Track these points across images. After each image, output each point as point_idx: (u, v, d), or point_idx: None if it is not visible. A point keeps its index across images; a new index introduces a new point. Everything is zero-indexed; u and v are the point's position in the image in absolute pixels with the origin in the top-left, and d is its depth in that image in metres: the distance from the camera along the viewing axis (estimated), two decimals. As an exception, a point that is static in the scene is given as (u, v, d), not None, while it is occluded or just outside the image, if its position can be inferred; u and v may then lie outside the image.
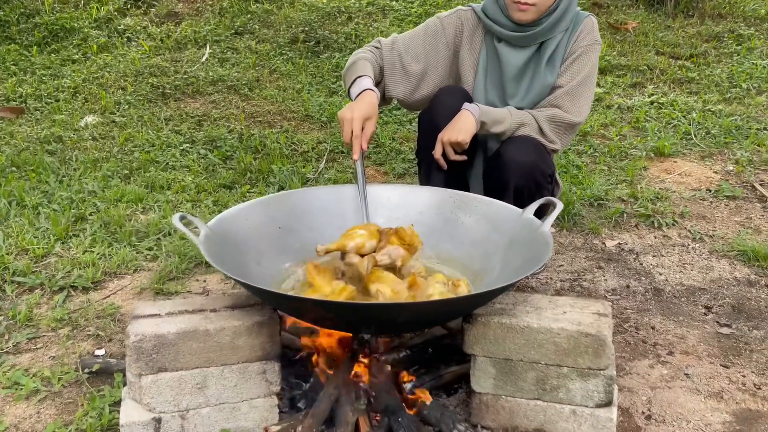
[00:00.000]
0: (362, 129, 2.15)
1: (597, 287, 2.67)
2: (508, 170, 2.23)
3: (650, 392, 2.02)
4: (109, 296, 2.59)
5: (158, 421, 1.69)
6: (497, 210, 2.06)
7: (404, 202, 2.24)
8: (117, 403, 1.84)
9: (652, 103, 4.81)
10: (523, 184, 2.23)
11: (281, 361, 1.78)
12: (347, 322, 1.73)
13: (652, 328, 2.38)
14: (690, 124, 4.40)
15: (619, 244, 3.05)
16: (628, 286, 2.67)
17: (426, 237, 2.16)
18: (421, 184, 2.50)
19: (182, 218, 1.79)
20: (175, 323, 1.66)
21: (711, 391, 2.03)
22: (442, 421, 1.79)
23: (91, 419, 1.81)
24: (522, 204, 2.29)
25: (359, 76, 2.25)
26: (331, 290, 1.76)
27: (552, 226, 1.90)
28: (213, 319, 1.69)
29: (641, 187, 3.57)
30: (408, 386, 1.84)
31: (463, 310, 1.75)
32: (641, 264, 2.86)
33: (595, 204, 3.40)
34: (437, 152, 2.27)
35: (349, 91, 2.30)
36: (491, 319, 1.75)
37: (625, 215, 3.28)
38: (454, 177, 2.34)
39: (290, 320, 1.95)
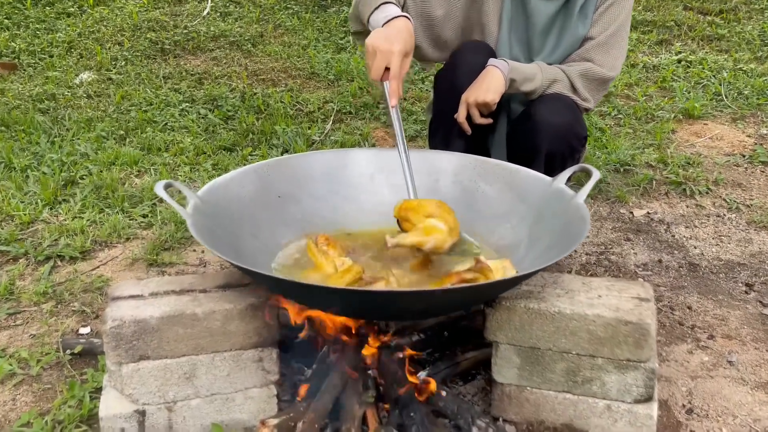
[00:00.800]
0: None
1: (626, 262, 2.45)
2: (539, 134, 1.99)
3: (690, 382, 1.82)
4: (98, 267, 2.40)
5: (142, 413, 1.51)
6: (524, 178, 1.84)
7: (418, 169, 2.00)
8: (99, 390, 1.66)
9: (679, 61, 4.52)
10: (556, 148, 1.99)
11: (280, 344, 1.59)
12: (352, 310, 1.53)
13: (689, 308, 2.17)
14: (720, 84, 4.13)
15: (648, 213, 2.82)
16: (660, 261, 2.46)
17: (442, 208, 1.95)
18: (436, 149, 2.27)
19: (167, 186, 1.58)
20: (158, 306, 1.47)
21: (759, 382, 1.83)
22: (459, 414, 1.60)
23: (70, 409, 1.64)
24: (552, 170, 2.07)
25: (383, 3, 1.84)
26: (334, 270, 1.56)
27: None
28: (202, 301, 1.49)
29: (670, 152, 3.33)
30: (421, 375, 1.65)
31: (482, 298, 1.54)
32: (673, 236, 2.64)
33: (621, 170, 3.17)
34: (461, 115, 2.02)
35: (368, 18, 1.87)
36: (517, 303, 1.54)
37: (654, 182, 3.04)
38: (475, 143, 2.10)
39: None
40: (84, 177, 3.01)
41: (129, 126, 3.59)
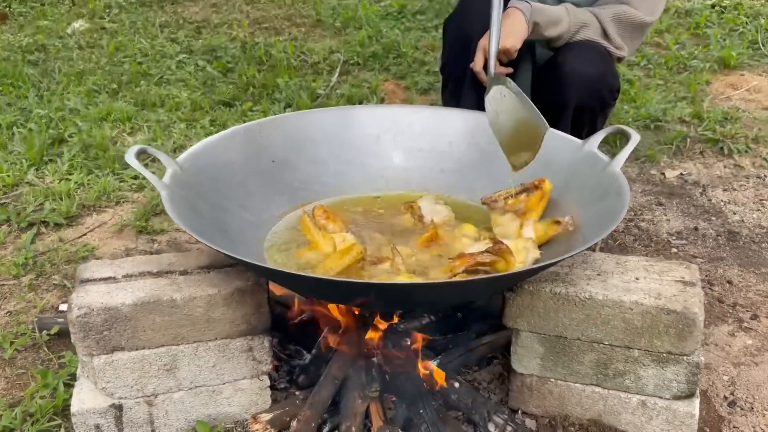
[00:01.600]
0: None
1: (658, 230, 2.24)
2: (567, 86, 1.75)
3: (733, 370, 1.63)
4: (84, 235, 2.23)
5: (119, 408, 1.35)
6: (550, 140, 1.60)
7: (430, 129, 1.80)
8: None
9: (713, 6, 4.19)
10: (585, 102, 1.76)
11: (274, 326, 1.42)
12: (351, 301, 1.34)
13: (729, 282, 1.96)
14: (757, 32, 3.81)
15: (682, 174, 2.59)
16: (695, 229, 2.24)
17: (456, 174, 1.74)
18: (446, 105, 2.04)
19: (140, 152, 1.38)
20: (132, 291, 1.29)
21: (810, 370, 1.64)
22: (474, 409, 1.43)
23: (43, 400, 1.48)
24: (580, 128, 1.84)
25: None
26: (333, 248, 1.36)
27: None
28: (182, 285, 1.31)
29: (705, 106, 3.06)
30: (432, 364, 1.47)
31: (498, 288, 1.35)
32: (710, 200, 2.42)
33: (652, 126, 2.92)
34: (477, 63, 1.78)
35: None
36: (542, 287, 1.35)
37: (687, 140, 2.79)
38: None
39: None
40: (73, 135, 2.82)
41: (122, 79, 3.37)
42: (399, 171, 1.78)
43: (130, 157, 1.34)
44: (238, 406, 1.43)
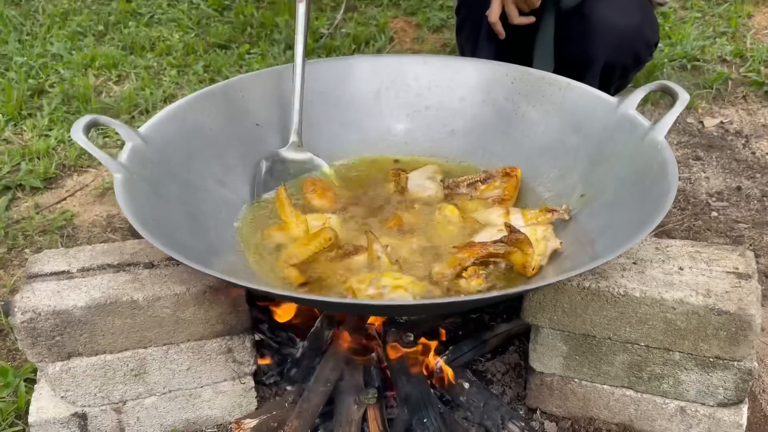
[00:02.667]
0: None
1: (696, 189, 2.01)
2: (596, 39, 1.50)
3: (783, 361, 1.44)
4: (63, 200, 2.05)
5: (82, 417, 1.19)
6: (580, 98, 1.38)
7: (438, 83, 1.56)
8: (42, 373, 1.34)
9: (759, -74, 3.78)
10: (616, 59, 1.51)
11: (264, 310, 1.25)
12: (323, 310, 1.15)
13: (777, 253, 1.75)
14: (808, -45, 3.42)
15: (722, 123, 2.33)
16: (738, 188, 2.00)
17: (469, 135, 1.52)
18: (461, 51, 1.79)
19: (91, 125, 1.17)
20: (86, 290, 1.10)
21: None
22: (486, 413, 1.25)
23: (3, 403, 1.33)
24: (607, 86, 1.59)
25: None
26: (303, 232, 1.17)
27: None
28: (145, 282, 1.13)
29: (748, 43, 2.75)
30: (439, 362, 1.29)
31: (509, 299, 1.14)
32: (753, 153, 2.16)
33: (689, 66, 2.63)
34: (493, 14, 1.52)
35: None
36: (568, 279, 1.14)
37: (729, 82, 2.51)
38: (512, 47, 1.61)
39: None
40: (54, 85, 2.60)
41: (110, 20, 3.12)
42: (403, 133, 1.56)
43: (77, 133, 1.13)
44: (219, 409, 1.27)
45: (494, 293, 0.89)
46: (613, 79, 1.56)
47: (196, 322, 1.15)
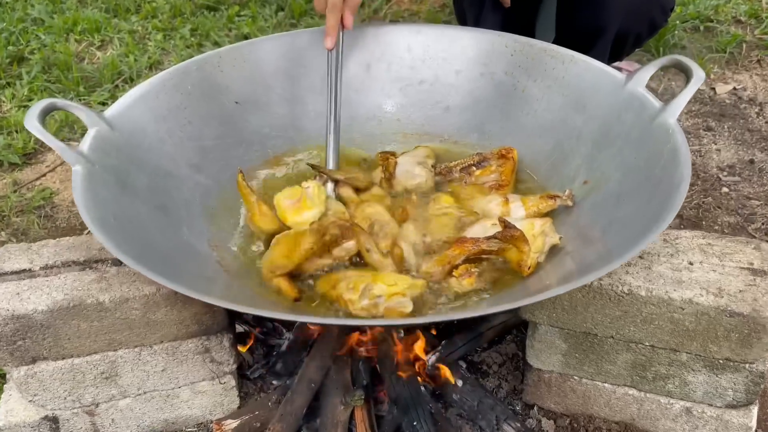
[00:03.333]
0: None
1: (706, 163, 1.90)
2: (609, 4, 1.37)
3: (795, 353, 1.35)
4: (43, 176, 1.96)
5: (53, 420, 1.13)
6: (584, 72, 1.27)
7: (434, 54, 1.45)
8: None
9: None
10: (630, 25, 1.39)
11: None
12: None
13: (791, 233, 1.65)
14: None
15: (735, 90, 2.21)
16: (751, 161, 1.90)
17: (465, 112, 1.42)
18: (459, 18, 1.67)
19: (49, 110, 1.07)
20: (48, 292, 1.03)
21: None
22: (480, 413, 1.19)
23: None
24: (619, 55, 1.48)
25: None
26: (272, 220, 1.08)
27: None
28: (112, 282, 1.05)
29: (765, 2, 2.60)
30: (431, 358, 1.22)
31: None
32: (768, 123, 2.05)
33: (701, 28, 2.49)
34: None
35: None
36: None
37: (743, 45, 2.37)
38: (517, 18, 1.48)
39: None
40: (34, 51, 2.48)
41: (93, -20, 2.97)
42: (395, 109, 1.45)
43: (31, 121, 1.03)
44: (200, 408, 1.21)
45: (491, 309, 0.79)
46: (625, 48, 1.45)
47: (168, 323, 1.07)
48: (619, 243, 0.91)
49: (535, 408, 1.27)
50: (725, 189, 1.81)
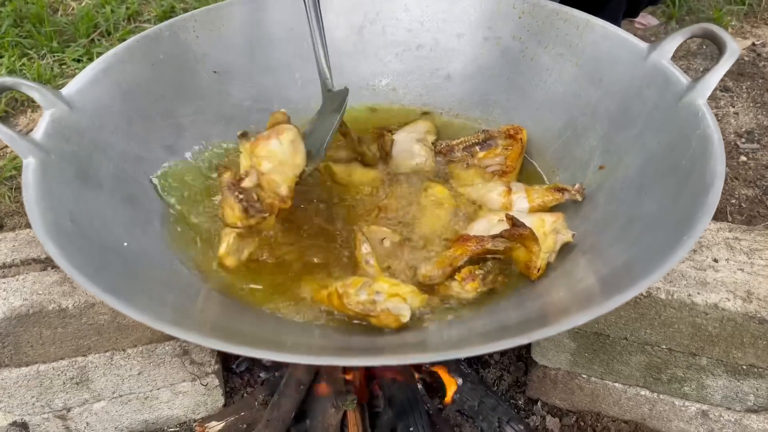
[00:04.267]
0: None
1: (723, 128, 1.78)
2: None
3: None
4: (14, 142, 1.82)
5: (23, 425, 1.05)
6: (602, 40, 1.14)
7: (433, 15, 1.31)
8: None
9: None
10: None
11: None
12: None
13: (813, 208, 1.55)
14: None
15: (754, 46, 2.07)
16: (772, 127, 1.78)
17: (468, 81, 1.29)
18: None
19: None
20: (4, 297, 0.93)
21: None
22: (481, 414, 1.11)
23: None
24: (637, 9, 1.34)
25: None
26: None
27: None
28: (76, 285, 0.94)
29: (789, -54, 2.42)
30: (428, 355, 1.13)
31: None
32: (790, 83, 1.92)
33: (719, -24, 2.32)
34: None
35: None
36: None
37: (764, -4, 2.22)
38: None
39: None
40: (5, 3, 2.31)
41: None
42: (391, 77, 1.33)
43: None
44: (181, 408, 1.13)
45: (500, 344, 0.68)
46: (639, 8, 1.31)
47: (142, 326, 0.98)
48: (642, 251, 0.80)
49: (539, 403, 1.20)
50: (743, 158, 1.69)
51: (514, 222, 0.90)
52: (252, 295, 0.91)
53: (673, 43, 1.06)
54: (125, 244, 0.87)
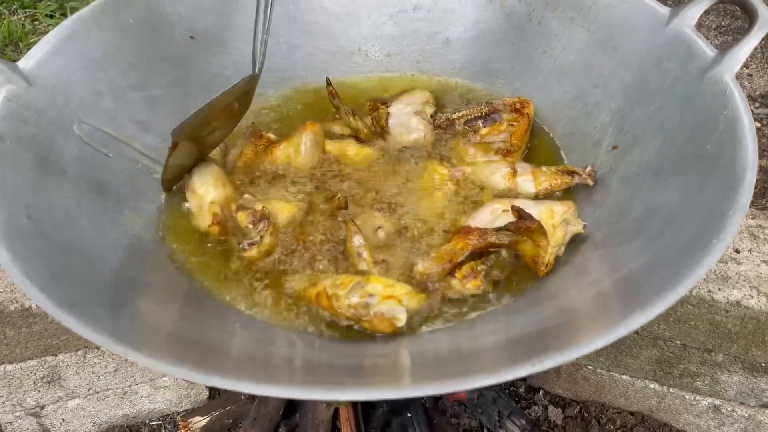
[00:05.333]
0: None
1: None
2: None
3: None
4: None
5: (-7, 424, 0.98)
6: (617, 3, 1.03)
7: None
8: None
9: None
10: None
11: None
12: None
13: (830, 179, 1.47)
14: None
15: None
16: (788, 90, 1.68)
17: (469, 47, 1.19)
18: None
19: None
20: (-37, 295, 0.84)
21: None
22: (480, 407, 1.05)
23: None
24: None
25: None
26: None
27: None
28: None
29: None
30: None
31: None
32: (808, 42, 1.81)
33: None
34: None
35: None
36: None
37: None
38: None
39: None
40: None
41: None
42: (385, 42, 1.22)
43: None
44: (163, 402, 1.07)
45: (510, 373, 0.60)
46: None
47: (114, 324, 0.90)
48: (663, 252, 0.72)
49: (540, 392, 1.14)
50: (758, 124, 1.60)
51: (520, 214, 0.81)
52: (235, 297, 0.84)
53: (697, 8, 0.95)
54: (90, 244, 0.78)
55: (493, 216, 0.86)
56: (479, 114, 1.05)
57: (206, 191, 0.92)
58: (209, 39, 1.13)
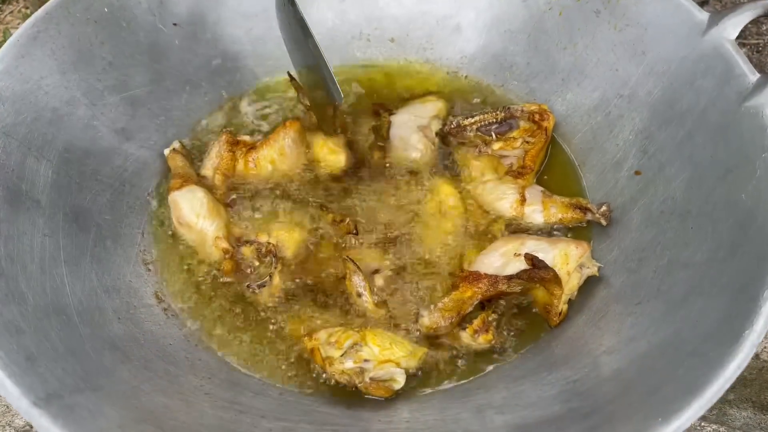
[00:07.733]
0: None
1: (763, 61, 1.57)
2: None
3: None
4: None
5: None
6: (650, 2, 0.92)
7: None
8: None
9: None
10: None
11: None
12: None
13: None
14: None
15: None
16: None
17: (481, 34, 1.09)
18: None
19: None
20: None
21: None
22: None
23: None
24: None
25: None
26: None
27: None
28: None
29: None
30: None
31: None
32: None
33: None
34: None
35: None
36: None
37: None
38: None
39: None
40: None
41: None
42: (389, 26, 1.11)
43: None
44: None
45: None
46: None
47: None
48: (689, 330, 0.66)
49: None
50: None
51: (534, 263, 0.75)
52: (229, 346, 0.79)
53: (740, 18, 0.85)
54: (63, 297, 0.72)
55: (504, 260, 0.80)
56: (494, 119, 0.96)
57: (204, 225, 0.85)
58: (194, 25, 1.02)
